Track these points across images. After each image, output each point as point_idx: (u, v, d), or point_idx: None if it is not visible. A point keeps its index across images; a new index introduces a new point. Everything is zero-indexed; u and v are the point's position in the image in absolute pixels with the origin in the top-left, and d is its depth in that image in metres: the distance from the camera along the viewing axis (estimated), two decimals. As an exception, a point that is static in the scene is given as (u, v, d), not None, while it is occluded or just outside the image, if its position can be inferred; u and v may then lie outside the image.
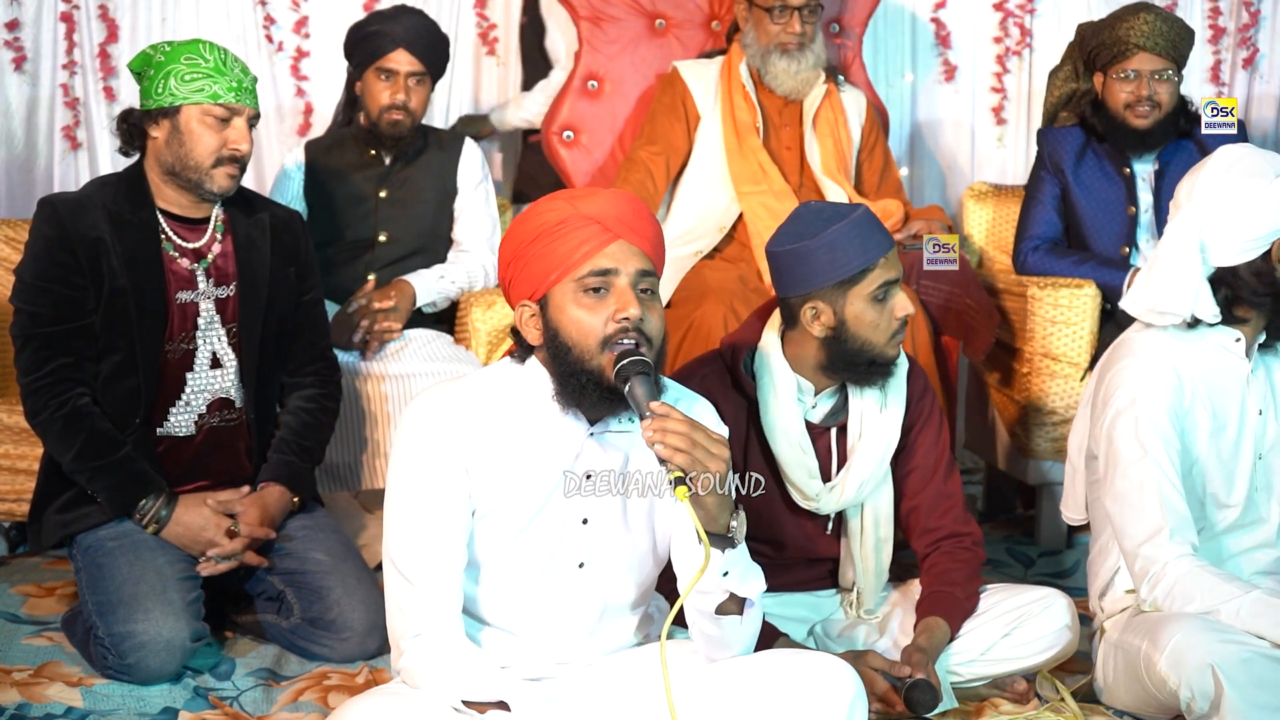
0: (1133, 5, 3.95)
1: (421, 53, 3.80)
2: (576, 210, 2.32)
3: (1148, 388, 2.78)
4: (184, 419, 3.16)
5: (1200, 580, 2.68)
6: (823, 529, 2.98)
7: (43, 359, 3.05)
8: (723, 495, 2.20)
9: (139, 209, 3.11)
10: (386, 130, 3.81)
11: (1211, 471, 2.85)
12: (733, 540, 2.24)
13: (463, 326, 3.88)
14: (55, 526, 3.13)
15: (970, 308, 3.72)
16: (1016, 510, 4.34)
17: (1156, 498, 2.74)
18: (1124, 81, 3.89)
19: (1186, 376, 2.81)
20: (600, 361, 2.28)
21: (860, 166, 4.15)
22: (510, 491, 2.36)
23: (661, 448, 2.15)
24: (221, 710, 2.85)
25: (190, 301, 3.14)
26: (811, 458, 2.89)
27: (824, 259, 2.75)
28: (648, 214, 2.37)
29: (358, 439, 3.60)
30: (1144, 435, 2.77)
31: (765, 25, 3.97)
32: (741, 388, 2.90)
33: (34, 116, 4.47)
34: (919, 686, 2.70)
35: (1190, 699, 2.56)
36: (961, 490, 3.02)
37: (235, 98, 3.08)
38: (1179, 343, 2.83)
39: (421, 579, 2.31)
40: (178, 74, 3.05)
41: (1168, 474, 2.75)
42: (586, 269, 2.29)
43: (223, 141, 3.08)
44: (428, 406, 2.36)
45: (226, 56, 3.10)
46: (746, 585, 2.31)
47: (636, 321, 2.28)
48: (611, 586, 2.44)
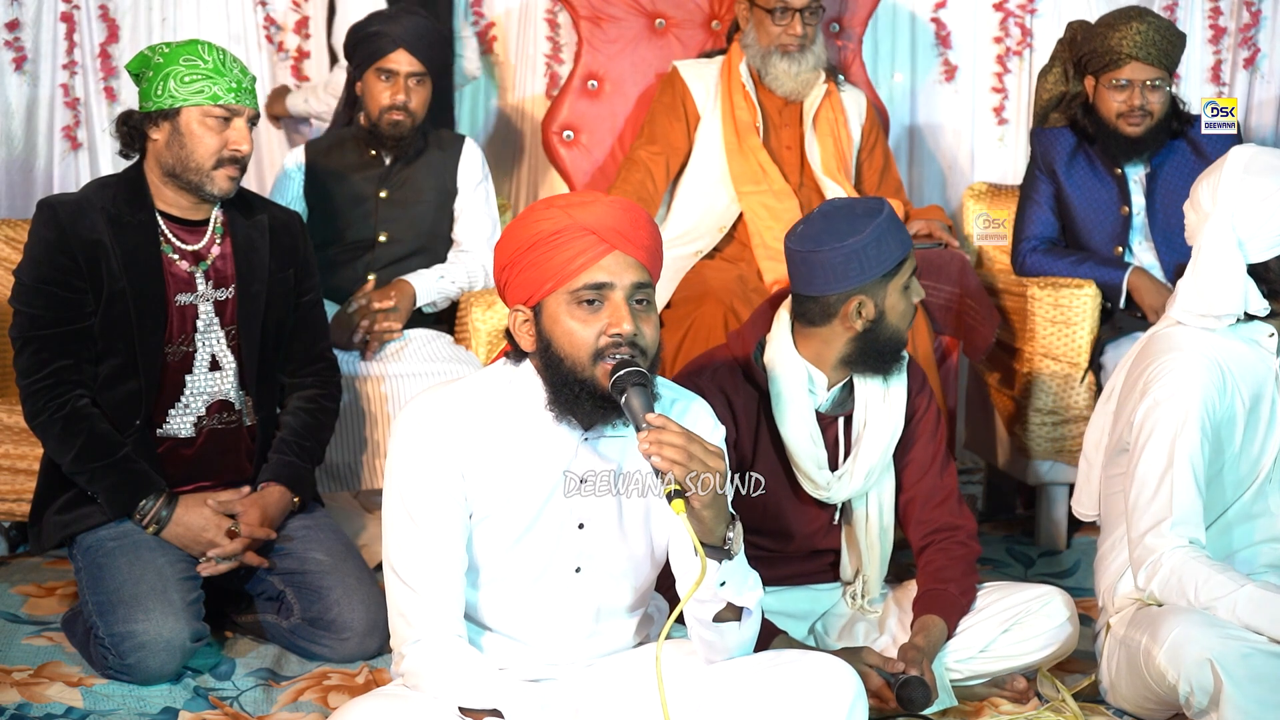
0: (1125, 11, 3.93)
1: (422, 53, 3.80)
2: (573, 220, 2.30)
3: (1193, 382, 2.78)
4: (183, 421, 3.16)
5: (1195, 571, 2.69)
6: (830, 519, 2.99)
7: (42, 361, 3.05)
8: (718, 507, 2.20)
9: (138, 211, 3.11)
10: (387, 130, 3.81)
11: (1237, 462, 2.85)
12: (729, 552, 2.24)
13: (463, 326, 3.88)
14: (55, 527, 3.13)
15: (970, 308, 3.73)
16: (1016, 510, 4.34)
17: (1169, 489, 2.74)
18: (1116, 90, 3.88)
19: (1229, 372, 2.81)
20: (593, 373, 2.28)
21: (860, 166, 4.15)
22: (506, 497, 2.36)
23: (658, 460, 2.15)
24: (221, 710, 2.85)
25: (189, 304, 3.14)
26: (821, 448, 2.90)
27: (874, 254, 2.80)
28: (645, 222, 2.35)
29: (358, 439, 3.60)
30: (1180, 426, 2.76)
31: (766, 26, 3.97)
32: (754, 380, 2.91)
33: (34, 116, 4.47)
34: (912, 683, 2.70)
35: (1189, 693, 2.57)
36: (957, 484, 3.03)
37: (235, 98, 3.07)
38: (1218, 338, 2.84)
39: (422, 584, 2.31)
40: (177, 75, 3.05)
41: (1192, 468, 2.75)
42: (581, 282, 2.28)
43: (223, 142, 3.07)
44: (422, 411, 2.36)
45: (225, 57, 3.10)
46: (744, 594, 2.31)
47: (630, 337, 2.27)
48: (608, 590, 2.44)
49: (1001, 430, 4.07)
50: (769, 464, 2.91)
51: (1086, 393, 3.86)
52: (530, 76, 4.67)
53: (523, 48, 4.64)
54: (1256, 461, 2.86)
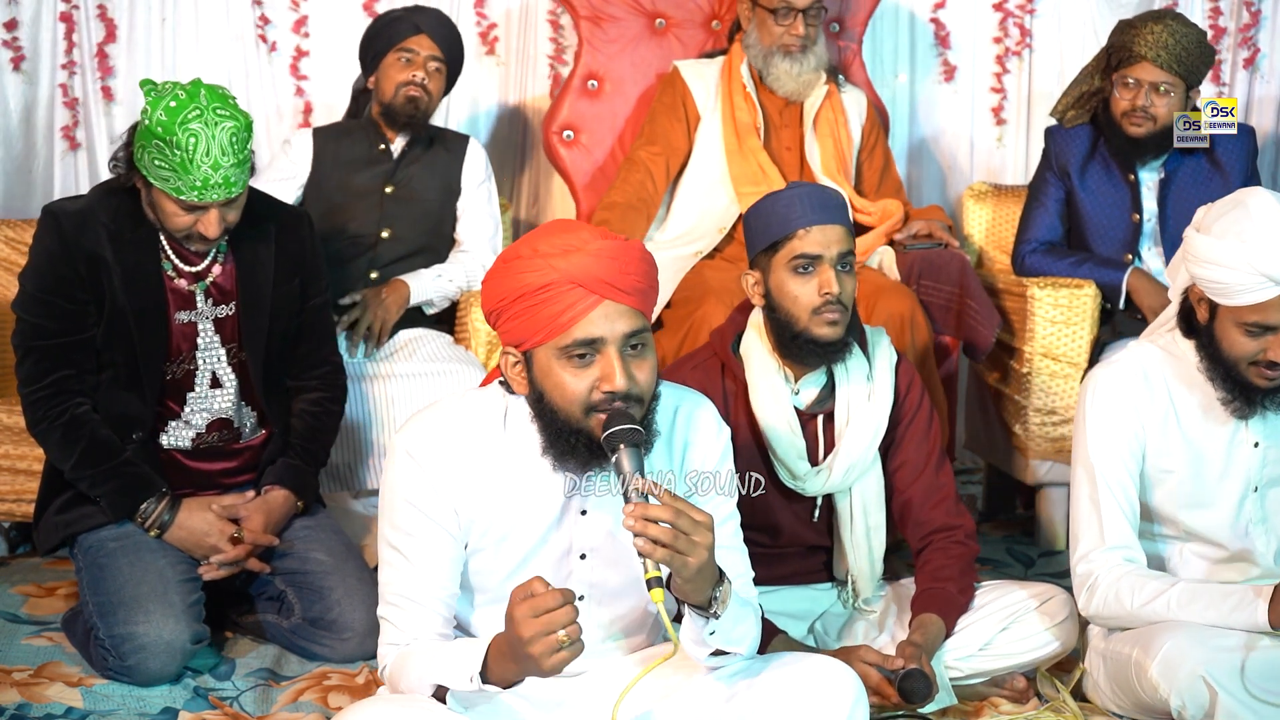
0: (1155, 12, 3.95)
1: (442, 41, 3.84)
2: (559, 273, 2.22)
3: (1108, 397, 2.81)
4: (183, 436, 3.15)
5: (1129, 581, 2.75)
6: (810, 514, 2.99)
7: (44, 370, 3.04)
8: (703, 579, 2.16)
9: (140, 226, 3.07)
10: (402, 108, 3.81)
11: (1187, 496, 2.85)
12: (715, 613, 2.22)
13: (462, 326, 3.87)
14: (56, 527, 3.12)
15: (970, 308, 3.72)
16: (1016, 510, 4.34)
17: (1098, 515, 2.82)
18: (1125, 88, 3.87)
19: (1151, 380, 2.82)
20: (588, 424, 2.24)
21: (860, 167, 4.15)
22: (505, 526, 2.35)
23: (642, 542, 2.10)
24: (221, 710, 2.85)
25: (189, 322, 3.12)
26: (800, 439, 2.90)
27: (754, 225, 2.86)
28: (635, 262, 2.26)
29: (359, 440, 3.59)
30: (1100, 446, 2.81)
31: (769, 26, 3.97)
32: (735, 374, 2.92)
33: (33, 116, 4.46)
34: (912, 676, 2.69)
35: (1182, 707, 2.59)
36: (954, 483, 3.03)
37: (199, 196, 2.91)
38: (1161, 350, 2.84)
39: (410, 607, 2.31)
40: (149, 153, 2.92)
41: (1117, 488, 2.81)
42: (571, 338, 2.22)
43: (192, 222, 2.98)
44: (416, 444, 2.32)
45: (196, 150, 2.87)
46: (735, 637, 2.29)
47: (622, 393, 2.22)
48: (613, 615, 2.44)
49: (1001, 430, 4.07)
50: (749, 457, 2.90)
51: (1086, 393, 3.86)
52: (531, 77, 4.66)
53: (524, 48, 4.63)
54: (1213, 496, 2.85)
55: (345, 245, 3.81)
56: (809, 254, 2.80)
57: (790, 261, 2.81)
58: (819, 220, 2.80)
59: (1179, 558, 2.88)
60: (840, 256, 2.81)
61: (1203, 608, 2.68)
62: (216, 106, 2.91)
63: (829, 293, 2.79)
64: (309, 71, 4.56)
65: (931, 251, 3.84)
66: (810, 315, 2.81)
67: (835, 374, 2.93)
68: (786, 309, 2.82)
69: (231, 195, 2.96)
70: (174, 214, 2.97)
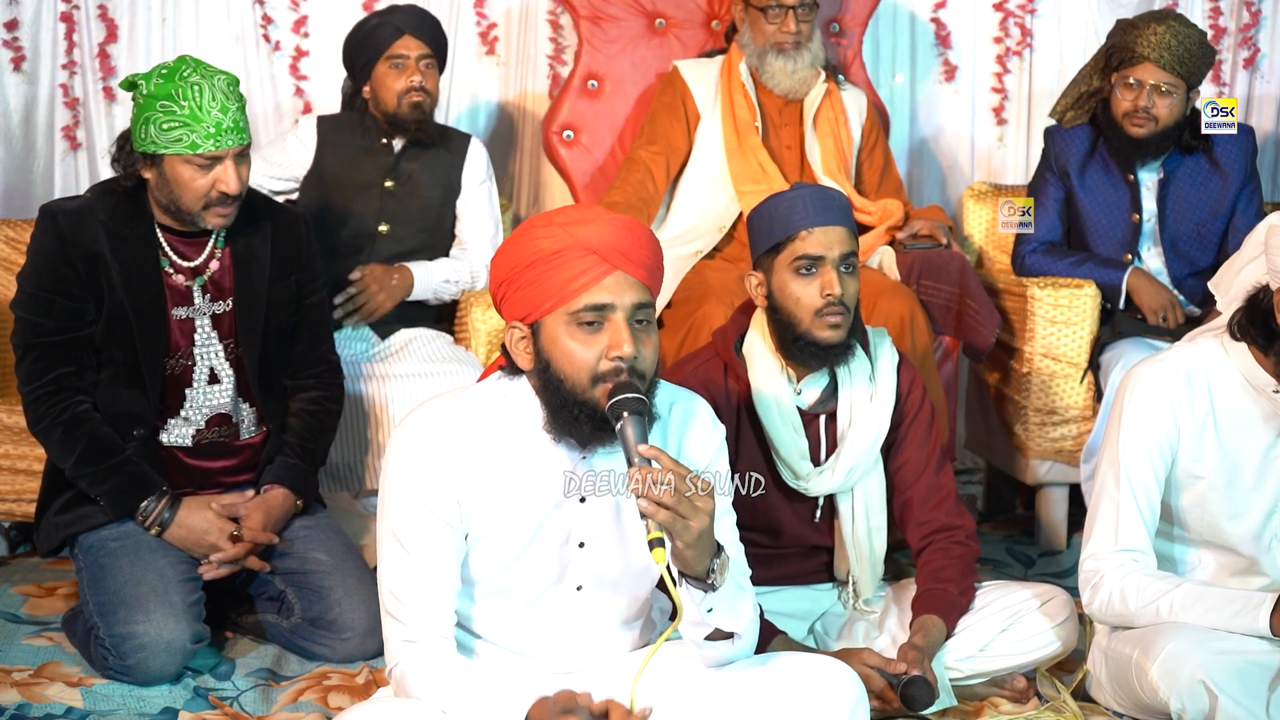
0: (1156, 12, 3.95)
1: (426, 35, 3.83)
2: (574, 239, 2.26)
3: (1148, 396, 2.76)
4: (183, 433, 3.15)
5: (1134, 580, 2.73)
6: (811, 514, 2.99)
7: (44, 368, 3.05)
8: (702, 546, 2.18)
9: (137, 223, 3.08)
10: (409, 115, 3.80)
11: (1215, 504, 2.80)
12: (713, 584, 2.23)
13: (462, 326, 3.88)
14: (56, 529, 3.12)
15: (970, 308, 3.72)
16: (1016, 510, 4.34)
17: (1115, 514, 2.77)
18: (1127, 88, 3.87)
19: (1195, 383, 2.76)
20: (593, 394, 2.25)
21: (860, 166, 4.15)
22: (504, 515, 2.36)
23: (645, 503, 2.13)
24: (221, 710, 2.85)
25: (186, 318, 3.12)
26: (803, 439, 2.90)
27: (757, 226, 2.86)
28: (646, 239, 2.32)
29: (358, 439, 3.60)
30: (1130, 445, 2.76)
31: (761, 25, 3.97)
32: (738, 374, 2.92)
33: (33, 116, 4.46)
34: (915, 683, 2.69)
35: (1182, 710, 2.58)
36: (954, 483, 3.03)
37: (215, 144, 2.97)
38: (1206, 353, 2.77)
39: (413, 600, 2.32)
40: (155, 122, 2.96)
41: (1140, 490, 2.76)
42: (581, 303, 2.25)
43: (210, 183, 3.01)
44: (415, 436, 2.33)
45: (202, 96, 2.96)
46: (733, 619, 2.30)
47: (630, 360, 2.25)
48: (610, 604, 2.44)
49: (1001, 430, 4.07)
50: (751, 458, 2.91)
51: (1086, 393, 3.86)
52: (531, 77, 4.66)
53: (524, 48, 4.63)
54: (1245, 506, 2.80)
55: (343, 238, 3.81)
56: (811, 255, 2.80)
57: (792, 263, 2.81)
58: (821, 222, 2.80)
59: (1193, 561, 2.86)
60: (843, 258, 2.82)
61: (1205, 610, 2.66)
62: (204, 65, 3.02)
63: (831, 294, 2.79)
64: (309, 71, 4.57)
65: (931, 251, 3.84)
66: (812, 317, 2.81)
67: (838, 375, 2.93)
68: (789, 310, 2.83)
69: (244, 142, 3.02)
70: (192, 179, 2.99)
